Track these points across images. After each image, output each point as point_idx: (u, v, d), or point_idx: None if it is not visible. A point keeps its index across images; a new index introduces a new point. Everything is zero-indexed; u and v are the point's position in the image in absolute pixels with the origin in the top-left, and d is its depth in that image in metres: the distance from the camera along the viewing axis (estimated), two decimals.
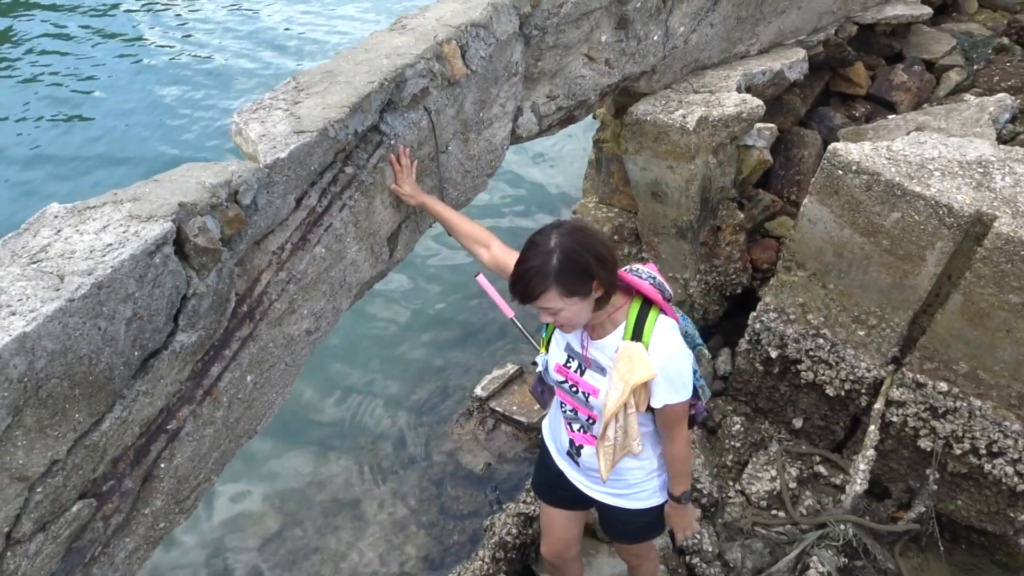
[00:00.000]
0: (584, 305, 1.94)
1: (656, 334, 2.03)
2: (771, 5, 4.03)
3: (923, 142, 3.16)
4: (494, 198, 6.69)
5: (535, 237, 1.93)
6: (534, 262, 1.88)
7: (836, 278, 3.30)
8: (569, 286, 1.87)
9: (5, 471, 1.44)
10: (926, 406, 3.21)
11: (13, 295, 1.47)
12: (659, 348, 2.01)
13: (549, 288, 1.87)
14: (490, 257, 2.34)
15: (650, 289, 2.05)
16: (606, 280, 1.93)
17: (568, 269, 1.86)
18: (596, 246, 1.91)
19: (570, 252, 1.86)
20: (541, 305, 1.92)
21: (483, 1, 2.66)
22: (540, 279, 1.86)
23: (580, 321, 2.01)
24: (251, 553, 3.94)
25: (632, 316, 2.06)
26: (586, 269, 1.87)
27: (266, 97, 2.24)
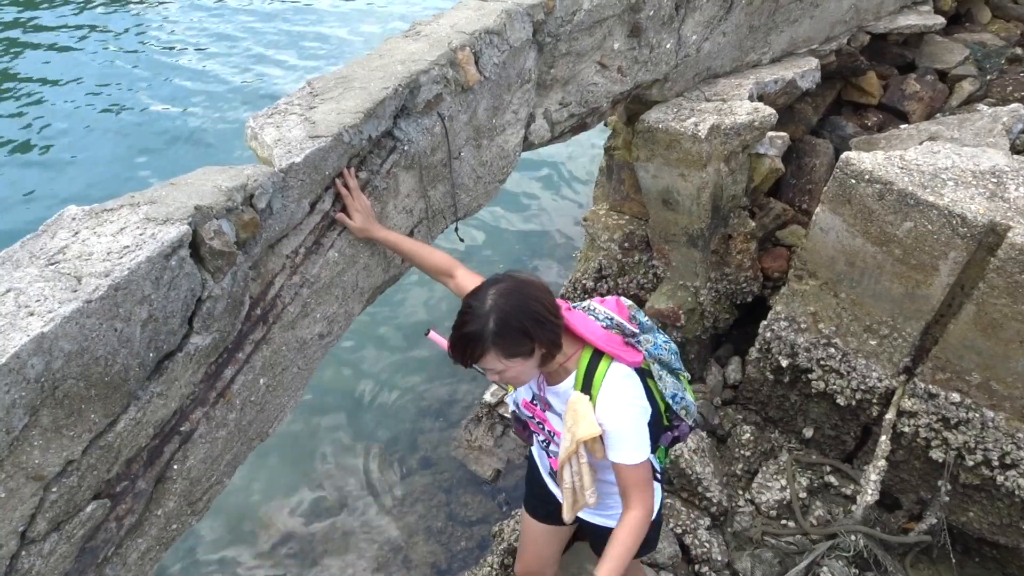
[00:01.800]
0: (528, 364, 1.90)
1: (604, 387, 1.95)
2: (784, 14, 4.03)
3: (936, 152, 3.15)
4: (503, 205, 6.70)
5: (470, 299, 1.88)
6: (470, 327, 1.83)
7: (848, 287, 3.29)
8: (508, 348, 1.83)
9: (21, 470, 1.45)
10: (938, 417, 3.19)
11: (31, 296, 1.48)
12: (605, 405, 1.94)
13: (487, 352, 1.83)
14: (456, 286, 2.26)
15: (602, 337, 1.97)
16: (546, 339, 1.87)
17: (505, 332, 1.81)
18: (533, 306, 1.85)
19: (506, 315, 1.81)
20: (483, 367, 1.90)
21: (497, 8, 2.68)
22: (477, 344, 1.82)
23: (527, 378, 1.98)
24: (258, 558, 3.95)
25: (582, 366, 1.99)
26: (524, 331, 1.82)
27: (281, 102, 2.26)
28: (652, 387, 2.10)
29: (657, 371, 2.12)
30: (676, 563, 3.47)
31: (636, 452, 1.93)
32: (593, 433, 1.92)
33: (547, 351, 1.91)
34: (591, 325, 2.00)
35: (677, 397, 2.17)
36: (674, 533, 3.57)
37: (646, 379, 2.07)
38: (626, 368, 1.98)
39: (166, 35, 9.65)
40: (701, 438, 3.79)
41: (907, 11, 4.97)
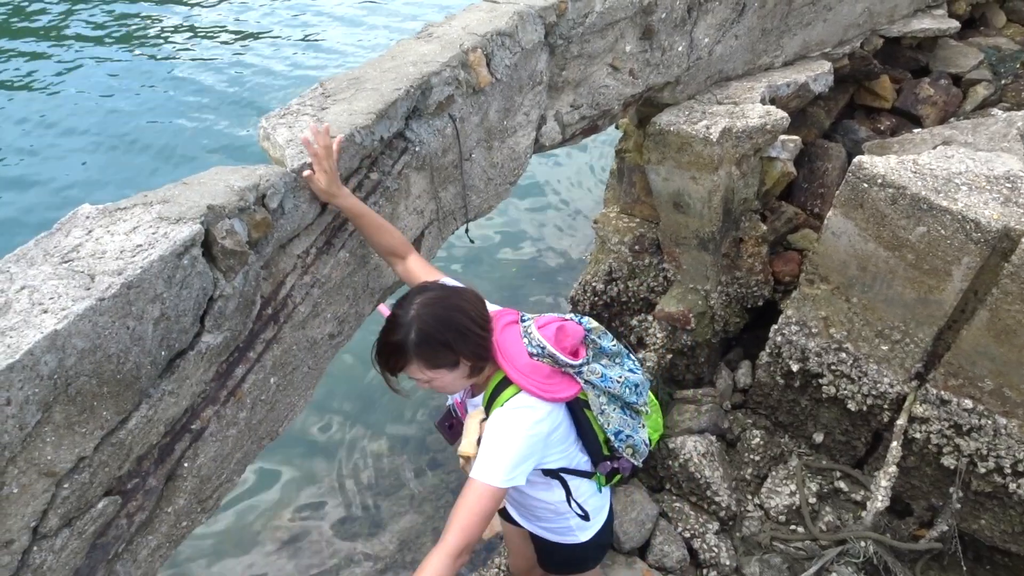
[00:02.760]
0: (455, 374, 1.87)
1: (500, 410, 1.88)
2: (797, 18, 4.02)
3: (950, 156, 3.13)
4: (514, 207, 6.71)
5: (396, 308, 1.85)
6: (393, 336, 1.80)
7: (860, 292, 3.27)
8: (430, 359, 1.81)
9: (34, 466, 1.46)
10: (950, 423, 3.17)
11: (45, 293, 1.49)
12: (490, 424, 1.88)
13: (410, 362, 1.81)
14: (404, 270, 2.20)
15: (522, 367, 1.88)
16: (470, 352, 1.84)
17: (426, 344, 1.78)
18: (457, 317, 1.82)
19: (427, 327, 1.78)
20: (408, 376, 1.86)
21: (509, 10, 2.68)
22: (399, 354, 1.80)
23: (458, 387, 1.95)
24: (268, 556, 3.96)
25: (490, 387, 1.95)
26: (445, 343, 1.80)
27: (293, 103, 2.27)
28: (590, 418, 2.03)
29: (599, 404, 2.01)
30: (684, 567, 3.46)
31: (487, 471, 1.79)
32: (468, 452, 1.90)
33: (472, 364, 1.87)
34: (516, 350, 1.91)
35: (622, 435, 2.09)
36: (682, 537, 3.56)
37: (582, 409, 2.01)
38: (531, 400, 1.88)
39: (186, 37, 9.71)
40: (711, 442, 3.78)
41: (921, 15, 4.94)
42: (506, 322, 1.97)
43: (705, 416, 3.91)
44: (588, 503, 2.23)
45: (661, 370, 4.06)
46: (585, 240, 6.33)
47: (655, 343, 4.04)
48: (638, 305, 4.33)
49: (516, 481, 1.84)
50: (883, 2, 4.56)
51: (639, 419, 2.16)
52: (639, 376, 2.12)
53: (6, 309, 1.45)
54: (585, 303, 4.47)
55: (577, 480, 2.16)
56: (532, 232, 6.52)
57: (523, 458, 1.85)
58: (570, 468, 2.11)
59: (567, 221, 6.66)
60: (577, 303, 4.55)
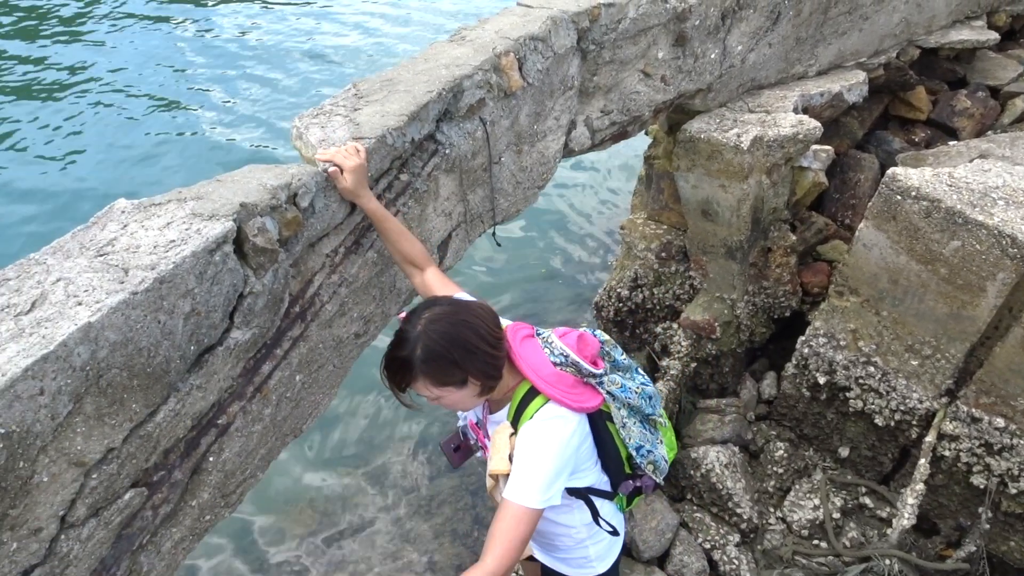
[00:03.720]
0: (464, 393, 1.79)
1: (525, 427, 1.80)
2: (832, 27, 3.98)
3: (987, 170, 3.08)
4: (541, 211, 6.70)
5: (404, 322, 1.78)
6: (399, 351, 1.74)
7: (890, 305, 3.23)
8: (437, 377, 1.74)
9: (64, 456, 1.48)
10: (981, 441, 3.11)
11: (80, 286, 1.52)
12: (521, 439, 1.80)
13: (416, 379, 1.74)
14: (421, 282, 2.13)
15: (548, 376, 1.83)
16: (478, 371, 1.76)
17: (432, 360, 1.71)
18: (465, 334, 1.74)
19: (434, 344, 1.71)
20: (416, 392, 1.80)
21: (542, 15, 2.68)
22: (405, 371, 1.74)
23: (468, 406, 1.88)
24: (284, 554, 3.99)
25: (516, 398, 1.87)
26: (453, 361, 1.72)
27: (326, 103, 2.29)
28: (612, 432, 1.97)
29: (621, 417, 1.96)
30: None
31: (524, 492, 1.72)
32: (501, 470, 1.81)
33: (482, 383, 1.79)
34: (539, 360, 1.86)
35: (643, 450, 2.01)
36: (702, 548, 3.53)
37: (605, 423, 1.95)
38: (561, 410, 1.82)
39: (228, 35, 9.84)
40: (733, 452, 3.75)
41: (960, 26, 4.87)
42: (523, 335, 1.92)
43: (728, 426, 3.88)
44: (613, 521, 2.15)
45: (685, 379, 4.03)
46: (611, 246, 6.31)
47: (679, 351, 4.01)
48: (663, 312, 4.31)
49: (552, 500, 1.76)
50: (921, 12, 4.50)
51: (658, 434, 2.10)
52: (652, 388, 2.08)
53: (42, 300, 1.48)
54: (610, 309, 4.46)
55: (601, 501, 2.08)
56: (558, 237, 6.51)
57: (558, 473, 1.78)
58: (595, 488, 2.03)
59: (593, 226, 6.64)
60: (602, 309, 4.53)
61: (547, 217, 6.69)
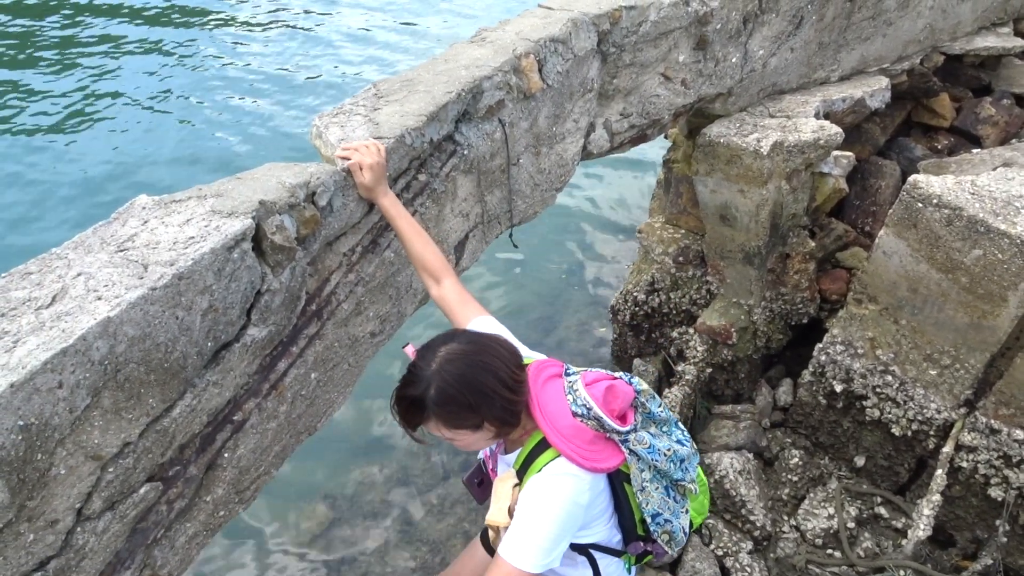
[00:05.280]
0: (479, 435, 1.70)
1: (531, 481, 1.68)
2: (855, 32, 3.95)
3: (1011, 178, 3.04)
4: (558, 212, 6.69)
5: (418, 358, 1.68)
6: (411, 390, 1.64)
7: (909, 314, 3.19)
8: (451, 420, 1.65)
9: (81, 449, 1.49)
10: (999, 453, 3.07)
11: (100, 280, 1.53)
12: (525, 493, 1.68)
13: (428, 419, 1.65)
14: (439, 295, 2.04)
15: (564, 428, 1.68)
16: (495, 417, 1.66)
17: (446, 404, 1.62)
18: (482, 377, 1.63)
19: (448, 386, 1.61)
20: (427, 431, 1.70)
21: (563, 17, 2.68)
22: (417, 411, 1.65)
23: (482, 446, 1.77)
24: (299, 550, 4.01)
25: (529, 446, 1.74)
26: (468, 405, 1.62)
27: (347, 102, 2.30)
28: (629, 494, 1.80)
29: (641, 480, 1.77)
30: None
31: (521, 554, 1.60)
32: (500, 522, 1.69)
33: (497, 429, 1.70)
34: (558, 409, 1.71)
35: (660, 519, 1.83)
36: (715, 555, 3.51)
37: (622, 483, 1.78)
38: (572, 467, 1.67)
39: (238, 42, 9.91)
40: (748, 459, 3.72)
41: (985, 32, 4.81)
42: (548, 375, 1.78)
43: (743, 433, 3.85)
44: None
45: (700, 384, 4.01)
46: (628, 249, 6.29)
47: (695, 356, 3.99)
48: (679, 317, 4.29)
49: (551, 565, 1.65)
50: (946, 19, 4.45)
51: (684, 502, 1.91)
52: (688, 449, 1.87)
53: (63, 294, 1.49)
54: (626, 312, 4.44)
55: (607, 559, 1.92)
56: (575, 239, 6.49)
57: (560, 536, 1.65)
58: (601, 544, 1.88)
59: (611, 229, 6.62)
60: (618, 312, 4.52)
61: (564, 219, 6.68)
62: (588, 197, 7.01)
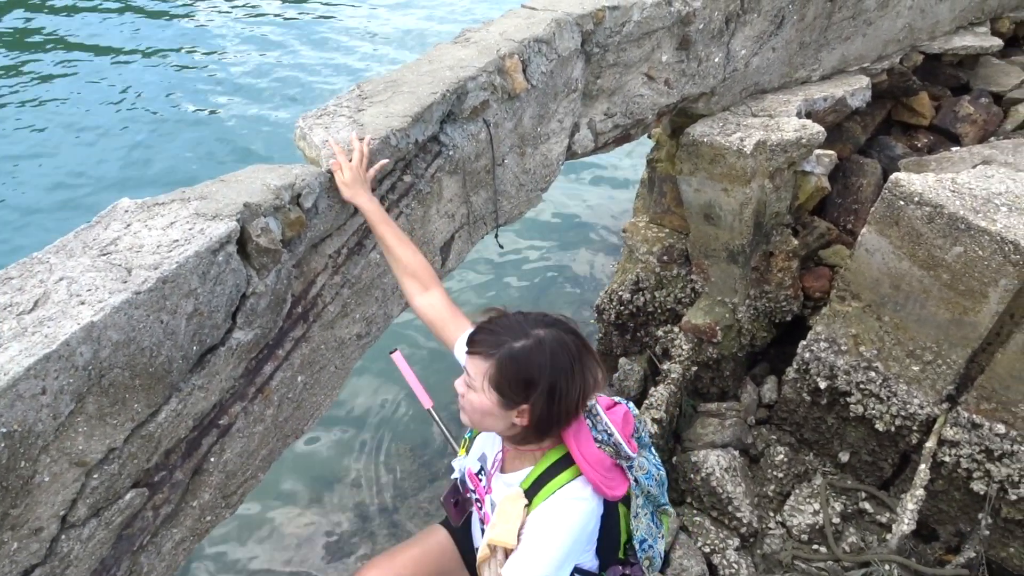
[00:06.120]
0: (497, 414, 1.58)
1: (554, 500, 1.61)
2: (836, 31, 3.98)
3: (990, 176, 3.08)
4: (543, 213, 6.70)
5: (542, 313, 1.60)
6: (505, 326, 1.56)
7: (892, 311, 3.22)
8: (501, 380, 1.53)
9: (65, 456, 1.48)
10: (981, 448, 3.11)
11: (83, 285, 1.51)
12: (538, 515, 1.61)
13: (487, 359, 1.54)
14: (425, 305, 1.93)
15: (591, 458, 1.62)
16: (537, 414, 1.55)
17: (513, 366, 1.52)
18: (564, 383, 1.53)
19: (533, 355, 1.51)
20: (469, 367, 1.59)
21: (546, 17, 2.68)
22: (491, 345, 1.54)
23: (477, 419, 1.64)
24: (287, 552, 3.98)
25: (542, 465, 1.67)
26: (535, 385, 1.51)
27: (330, 104, 2.28)
28: (623, 517, 1.78)
29: (636, 507, 1.77)
30: None
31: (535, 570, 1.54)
32: (506, 542, 1.60)
33: (523, 430, 1.60)
34: (585, 438, 1.65)
35: (645, 544, 1.81)
36: (702, 552, 3.52)
37: (617, 506, 1.76)
38: (587, 491, 1.62)
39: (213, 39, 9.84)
40: (734, 456, 3.74)
41: (963, 32, 4.87)
42: None
43: (729, 430, 3.87)
44: None
45: (686, 382, 4.02)
46: (613, 249, 6.31)
47: (680, 355, 4.00)
48: (664, 316, 4.31)
49: None
50: (924, 18, 4.50)
51: (661, 527, 1.90)
52: (663, 472, 1.89)
53: (45, 299, 1.48)
54: (611, 312, 4.45)
55: None
56: (560, 239, 6.50)
57: (567, 561, 1.60)
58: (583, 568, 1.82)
59: (595, 229, 6.64)
60: (603, 312, 4.53)
61: (549, 219, 6.69)
62: (573, 196, 7.02)
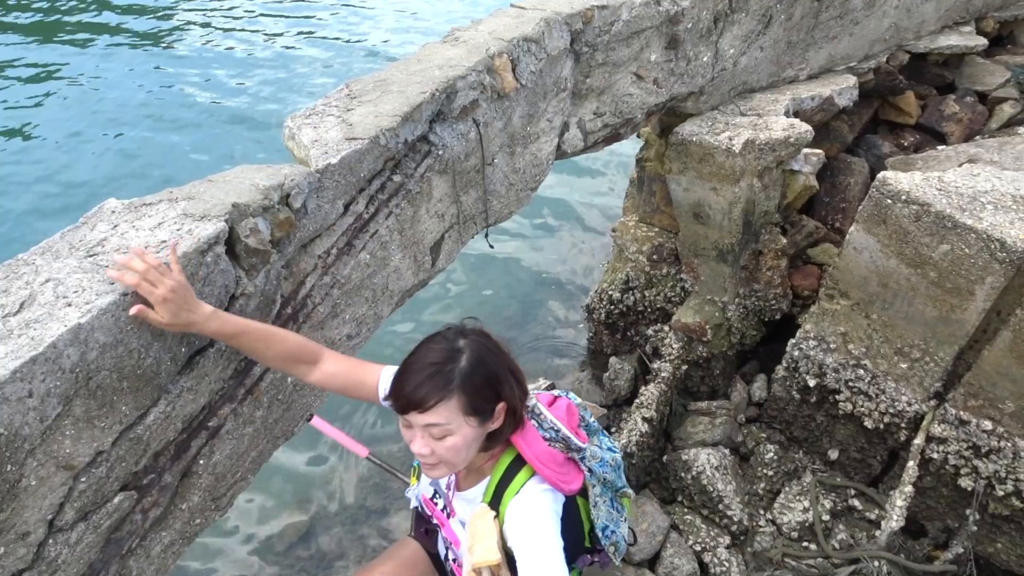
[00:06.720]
0: (477, 434, 1.56)
1: (516, 501, 1.60)
2: (823, 31, 4.00)
3: (976, 174, 3.10)
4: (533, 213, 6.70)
5: (438, 333, 1.58)
6: (435, 357, 1.50)
7: (880, 308, 3.24)
8: (474, 399, 1.50)
9: (52, 459, 1.46)
10: (968, 444, 3.13)
11: (70, 287, 1.50)
12: (516, 522, 1.58)
13: (450, 397, 1.48)
14: (323, 375, 1.78)
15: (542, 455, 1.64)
16: (515, 401, 1.58)
17: (477, 375, 1.50)
18: (510, 358, 1.58)
19: (483, 354, 1.53)
20: (429, 421, 1.49)
21: (536, 16, 2.68)
22: (440, 382, 1.48)
23: (461, 459, 1.58)
24: (275, 558, 3.96)
25: (498, 472, 1.66)
26: (499, 379, 1.54)
27: (319, 103, 2.27)
28: (582, 508, 1.79)
29: (594, 496, 1.77)
30: None
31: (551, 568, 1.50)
32: (490, 560, 1.56)
33: (500, 428, 1.59)
34: (532, 436, 1.67)
35: (608, 530, 1.81)
36: (693, 550, 3.53)
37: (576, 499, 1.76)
38: (546, 484, 1.64)
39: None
40: (724, 455, 3.75)
41: (948, 31, 4.90)
42: None
43: (719, 429, 3.89)
44: None
45: (676, 381, 4.03)
46: (603, 248, 6.32)
47: (670, 354, 4.01)
48: (654, 315, 4.31)
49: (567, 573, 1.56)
50: (910, 18, 4.52)
51: (623, 511, 1.90)
52: (618, 454, 1.88)
53: (31, 301, 1.46)
54: (601, 311, 4.46)
55: None
56: (550, 238, 6.51)
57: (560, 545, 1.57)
58: None
59: (585, 228, 6.64)
60: (593, 311, 4.53)
61: (539, 219, 6.69)
62: (563, 196, 7.02)
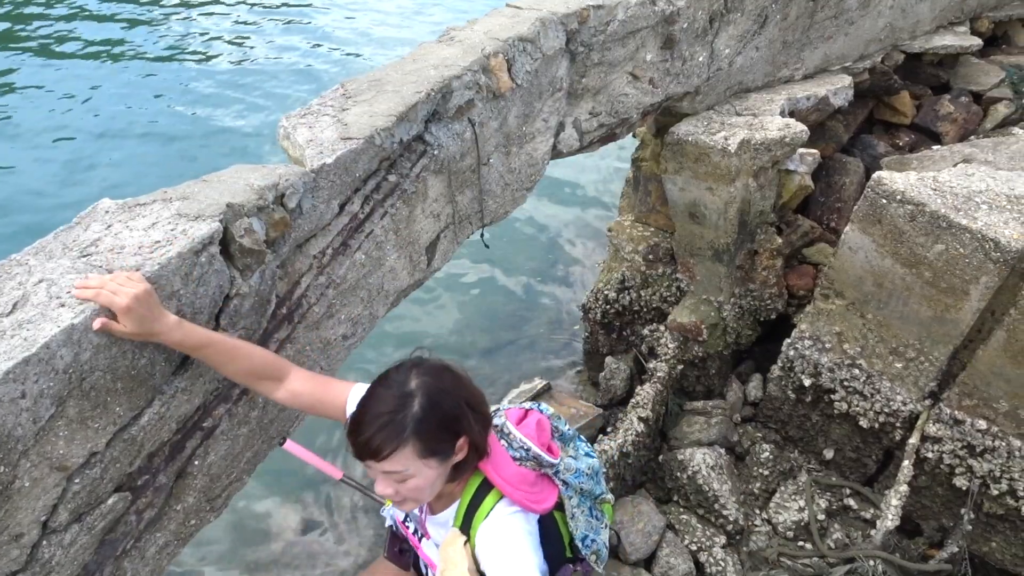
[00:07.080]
0: (440, 472, 1.53)
1: (486, 524, 1.58)
2: (818, 31, 4.00)
3: (971, 174, 3.10)
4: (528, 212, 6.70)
5: (389, 373, 1.54)
6: (386, 407, 1.46)
7: (875, 308, 3.25)
8: (430, 442, 1.47)
9: (46, 460, 1.45)
10: (963, 443, 3.14)
11: (63, 287, 1.49)
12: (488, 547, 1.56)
13: (404, 445, 1.45)
14: (289, 393, 1.76)
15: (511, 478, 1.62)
16: (476, 435, 1.54)
17: (431, 418, 1.46)
18: (467, 389, 1.55)
19: (435, 395, 1.48)
20: (387, 469, 1.47)
21: (531, 16, 2.68)
22: (393, 432, 1.44)
23: (428, 495, 1.56)
24: (272, 554, 3.95)
25: (467, 496, 1.64)
26: (455, 418, 1.50)
27: (314, 103, 2.27)
28: (560, 521, 1.78)
29: (571, 508, 1.77)
30: None
31: None
32: None
33: (465, 458, 1.56)
34: (500, 457, 1.65)
35: (588, 540, 1.81)
36: (689, 550, 3.53)
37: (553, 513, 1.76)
38: (510, 509, 1.62)
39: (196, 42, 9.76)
40: (720, 454, 3.76)
41: (943, 31, 4.92)
42: None
43: (715, 428, 3.89)
44: None
45: (671, 381, 4.04)
46: (598, 248, 6.32)
47: (666, 353, 4.02)
48: (650, 315, 4.32)
49: None
50: (905, 18, 4.53)
51: (603, 518, 1.90)
52: (596, 460, 1.87)
53: (24, 302, 1.45)
54: (597, 311, 4.46)
55: None
56: (545, 239, 6.50)
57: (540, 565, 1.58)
58: None
59: (581, 228, 6.64)
60: (589, 311, 4.53)
61: (534, 219, 6.69)
62: (558, 196, 7.02)
